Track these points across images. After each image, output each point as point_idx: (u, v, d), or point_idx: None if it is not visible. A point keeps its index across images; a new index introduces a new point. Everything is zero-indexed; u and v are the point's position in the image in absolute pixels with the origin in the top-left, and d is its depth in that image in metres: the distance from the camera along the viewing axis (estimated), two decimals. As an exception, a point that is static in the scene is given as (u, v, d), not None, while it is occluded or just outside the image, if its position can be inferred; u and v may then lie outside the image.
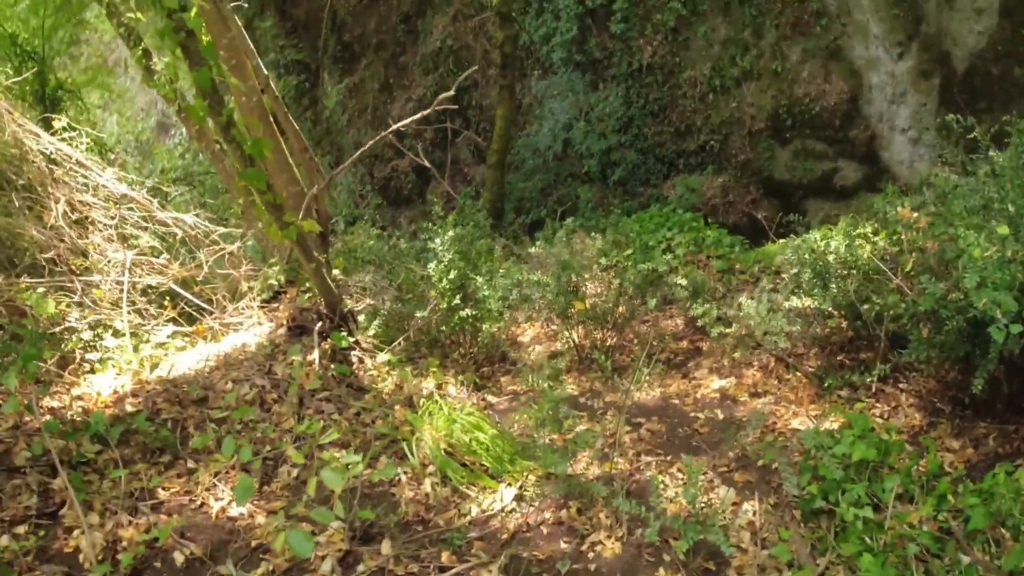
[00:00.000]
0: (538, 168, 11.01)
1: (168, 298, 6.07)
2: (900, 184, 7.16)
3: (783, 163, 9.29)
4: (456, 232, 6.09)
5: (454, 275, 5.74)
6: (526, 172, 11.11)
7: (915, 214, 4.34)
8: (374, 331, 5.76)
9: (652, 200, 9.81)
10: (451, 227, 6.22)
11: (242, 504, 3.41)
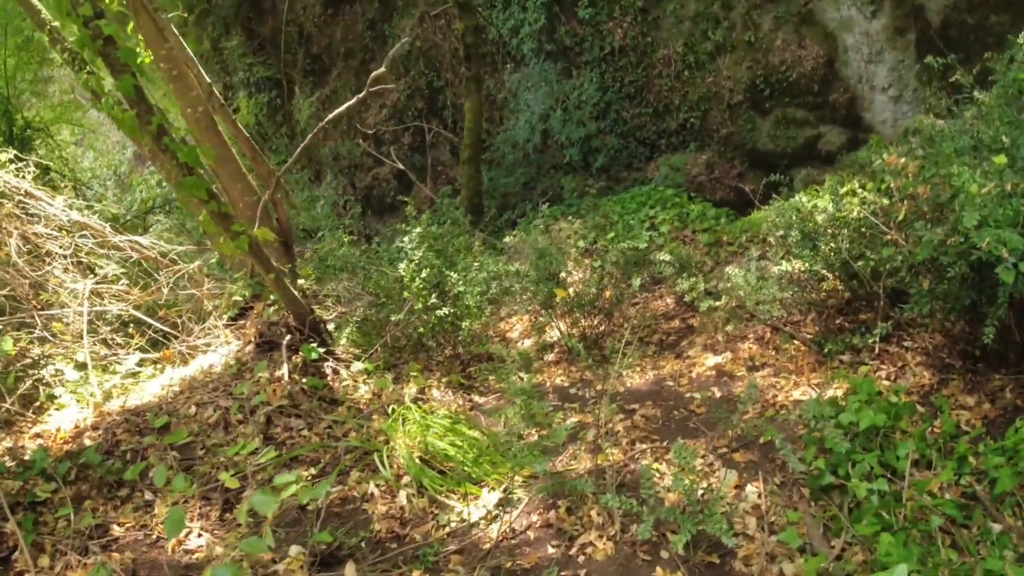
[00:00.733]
0: (519, 162, 10.75)
1: (133, 326, 5.81)
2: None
3: (765, 133, 9.02)
4: (426, 229, 5.81)
5: (427, 273, 5.45)
6: (507, 167, 10.85)
7: (903, 159, 4.02)
8: (346, 339, 5.46)
9: (637, 184, 9.53)
10: (423, 224, 5.94)
11: (172, 538, 3.16)
